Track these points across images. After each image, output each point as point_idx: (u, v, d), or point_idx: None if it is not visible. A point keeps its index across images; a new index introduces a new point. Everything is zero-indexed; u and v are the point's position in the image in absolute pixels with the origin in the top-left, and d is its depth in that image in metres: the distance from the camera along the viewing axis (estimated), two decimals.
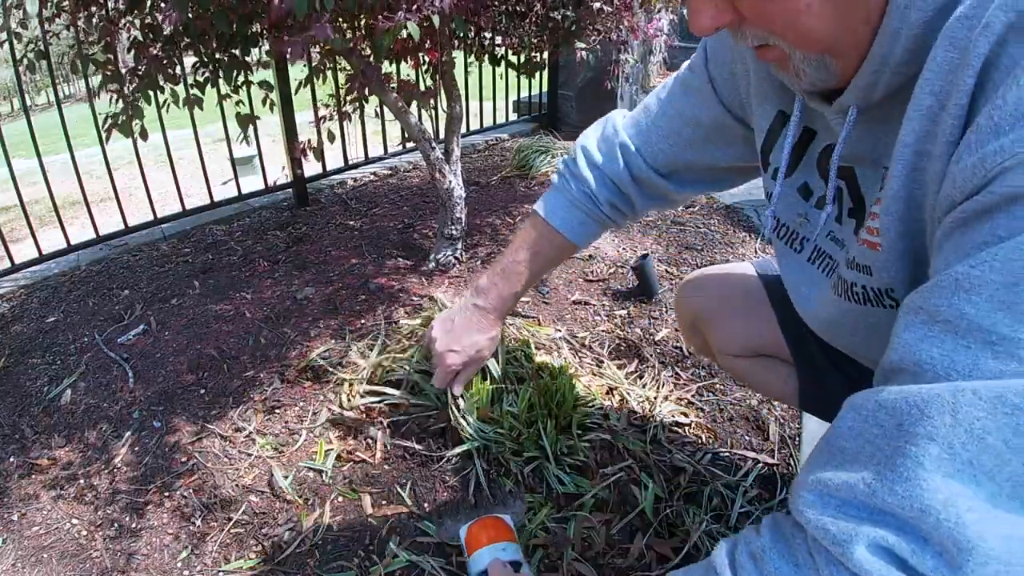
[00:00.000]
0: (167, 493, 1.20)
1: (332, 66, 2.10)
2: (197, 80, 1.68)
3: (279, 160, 2.46)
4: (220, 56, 1.57)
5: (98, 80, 1.60)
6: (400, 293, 1.77)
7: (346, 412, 1.32)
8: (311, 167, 2.52)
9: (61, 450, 1.32)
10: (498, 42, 2.06)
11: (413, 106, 1.72)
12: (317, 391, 1.41)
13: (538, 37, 1.93)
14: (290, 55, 1.21)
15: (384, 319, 1.63)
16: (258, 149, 2.41)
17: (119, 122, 1.55)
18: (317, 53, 1.93)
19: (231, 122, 2.02)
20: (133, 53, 1.55)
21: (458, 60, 2.08)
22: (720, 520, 1.11)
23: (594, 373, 1.45)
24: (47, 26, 1.74)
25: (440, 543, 1.07)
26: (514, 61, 2.14)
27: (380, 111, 2.15)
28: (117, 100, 1.56)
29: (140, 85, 1.51)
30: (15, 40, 1.70)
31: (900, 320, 0.47)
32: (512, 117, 3.66)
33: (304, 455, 1.26)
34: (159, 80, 1.53)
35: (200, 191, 2.46)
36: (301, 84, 2.15)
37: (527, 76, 2.24)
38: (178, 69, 1.61)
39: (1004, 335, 0.40)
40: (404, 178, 2.85)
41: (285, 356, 1.53)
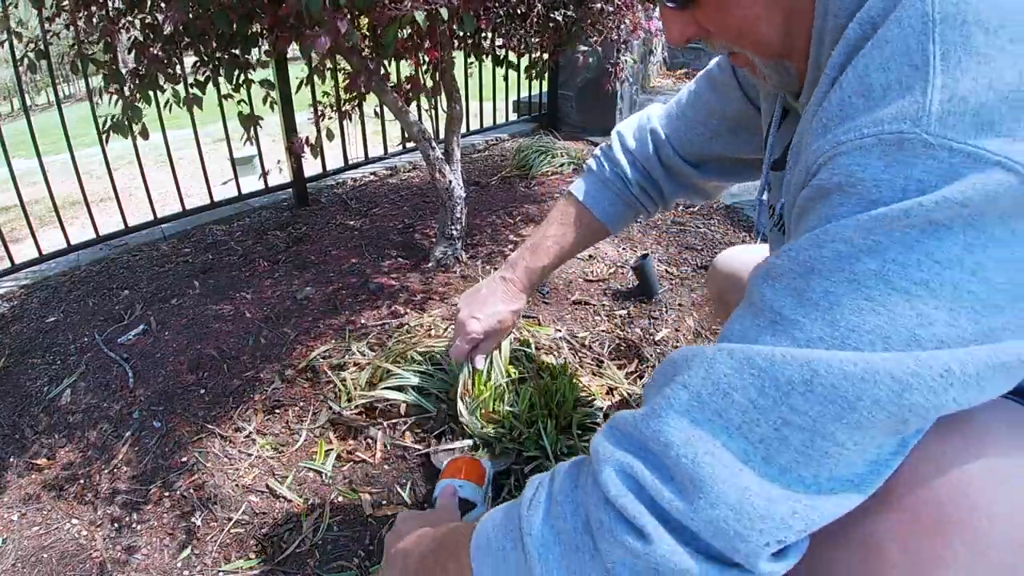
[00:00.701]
0: (167, 493, 1.20)
1: (332, 66, 2.10)
2: (197, 79, 1.68)
3: (279, 160, 2.46)
4: (221, 55, 1.57)
5: (98, 80, 1.60)
6: (400, 293, 1.77)
7: (346, 412, 1.32)
8: (311, 167, 2.52)
9: (61, 450, 1.32)
10: (499, 43, 2.06)
11: (413, 106, 1.72)
12: (317, 391, 1.41)
13: (539, 38, 1.93)
14: (316, 47, 1.21)
15: (384, 319, 1.63)
16: (258, 149, 2.41)
17: (116, 122, 1.55)
18: (316, 53, 1.93)
19: (231, 122, 2.02)
20: (134, 53, 1.55)
21: (459, 61, 2.08)
22: None
23: (594, 373, 1.45)
24: (47, 26, 1.74)
25: None
26: (514, 62, 2.14)
27: (380, 111, 2.15)
28: (117, 101, 1.56)
29: (140, 85, 1.51)
30: (15, 39, 1.70)
31: None
32: (512, 117, 3.66)
33: (304, 455, 1.26)
34: (159, 80, 1.53)
35: (200, 191, 2.46)
36: (302, 83, 2.15)
37: (533, 78, 2.24)
38: (178, 69, 1.61)
39: (786, 316, 0.44)
40: (404, 178, 2.85)
41: (285, 356, 1.53)
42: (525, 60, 2.14)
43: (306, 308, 1.73)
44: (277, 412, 1.36)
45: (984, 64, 0.39)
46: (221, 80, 1.66)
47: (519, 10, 1.85)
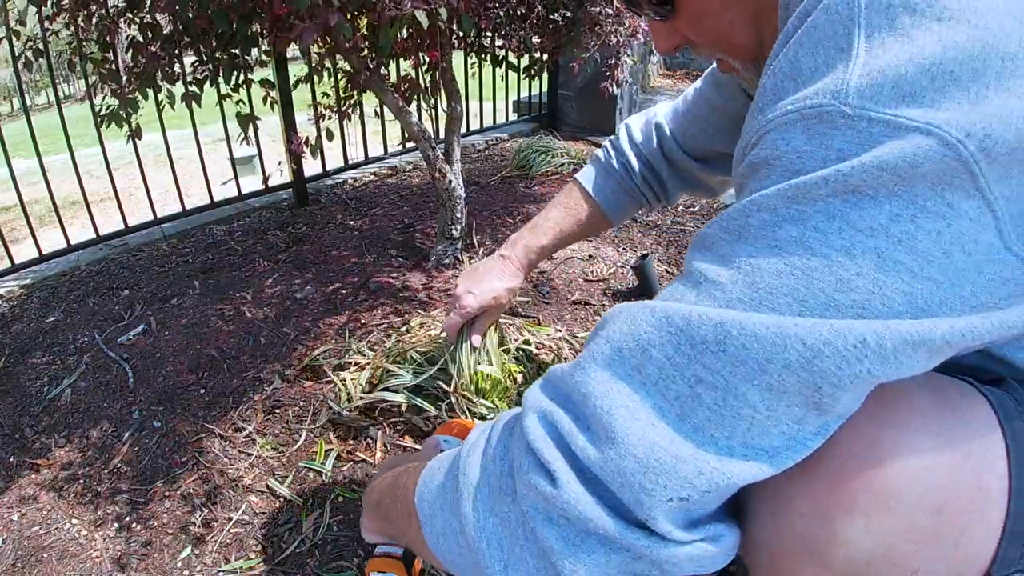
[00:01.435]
0: (167, 493, 1.20)
1: (332, 66, 2.10)
2: (196, 78, 1.68)
3: (279, 160, 2.46)
4: (220, 55, 1.57)
5: (97, 80, 1.60)
6: (400, 292, 1.77)
7: (346, 412, 1.32)
8: (311, 167, 2.52)
9: (61, 450, 1.32)
10: (499, 44, 2.06)
11: (413, 106, 1.72)
12: (317, 391, 1.41)
13: (539, 38, 1.93)
14: (301, 40, 1.21)
15: (384, 318, 1.63)
16: (258, 149, 2.41)
17: (113, 112, 1.54)
18: (316, 53, 1.93)
19: (231, 122, 2.02)
20: (132, 53, 1.55)
21: (459, 61, 2.08)
22: None
23: None
24: (46, 24, 1.74)
25: None
26: (514, 62, 2.14)
27: (380, 111, 2.15)
28: (113, 96, 1.55)
29: (138, 84, 1.51)
30: (14, 38, 1.70)
31: None
32: (512, 117, 3.66)
33: (304, 455, 1.26)
34: (157, 79, 1.52)
35: (200, 191, 2.46)
36: (299, 82, 2.15)
37: (532, 78, 2.24)
38: (177, 68, 1.61)
39: (709, 279, 0.45)
40: (404, 178, 2.85)
41: (285, 356, 1.53)
42: (525, 60, 2.14)
43: (306, 308, 1.73)
44: (277, 412, 1.36)
45: (908, 42, 0.40)
46: (220, 79, 1.66)
47: (519, 11, 1.85)
